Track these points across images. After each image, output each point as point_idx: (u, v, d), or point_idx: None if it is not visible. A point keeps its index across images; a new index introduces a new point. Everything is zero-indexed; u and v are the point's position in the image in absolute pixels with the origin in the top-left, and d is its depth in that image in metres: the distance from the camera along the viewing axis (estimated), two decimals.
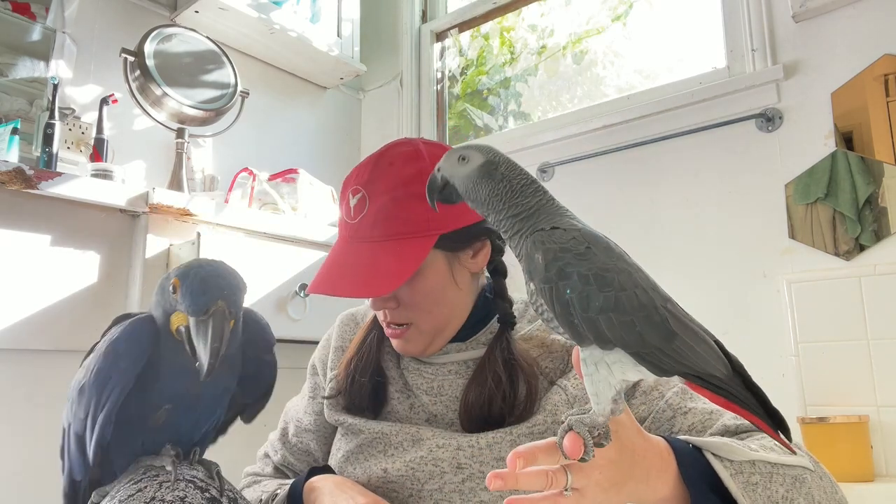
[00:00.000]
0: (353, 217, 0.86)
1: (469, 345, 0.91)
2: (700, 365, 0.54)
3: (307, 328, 1.77)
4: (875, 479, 1.46)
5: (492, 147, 0.64)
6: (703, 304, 1.84)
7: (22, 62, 1.90)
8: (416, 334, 0.89)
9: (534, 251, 0.56)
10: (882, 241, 1.61)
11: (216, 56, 2.03)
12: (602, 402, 0.56)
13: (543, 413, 0.83)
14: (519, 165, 0.63)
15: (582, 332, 0.54)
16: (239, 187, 2.07)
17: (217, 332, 0.70)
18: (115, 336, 0.75)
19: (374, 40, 2.82)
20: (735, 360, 0.56)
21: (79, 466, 0.78)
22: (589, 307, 0.53)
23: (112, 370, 0.73)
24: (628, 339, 0.53)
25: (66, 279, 1.54)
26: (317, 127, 2.68)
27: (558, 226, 0.58)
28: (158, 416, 0.77)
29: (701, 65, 2.02)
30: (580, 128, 2.14)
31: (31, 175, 1.45)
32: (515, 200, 0.60)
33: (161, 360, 0.76)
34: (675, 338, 0.53)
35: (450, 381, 0.89)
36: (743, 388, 0.55)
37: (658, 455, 0.64)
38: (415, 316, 0.87)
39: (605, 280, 0.53)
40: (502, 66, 2.63)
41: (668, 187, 1.96)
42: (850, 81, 1.70)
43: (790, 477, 0.69)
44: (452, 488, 0.80)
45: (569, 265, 0.54)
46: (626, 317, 0.53)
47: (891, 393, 1.53)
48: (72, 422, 0.77)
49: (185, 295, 0.71)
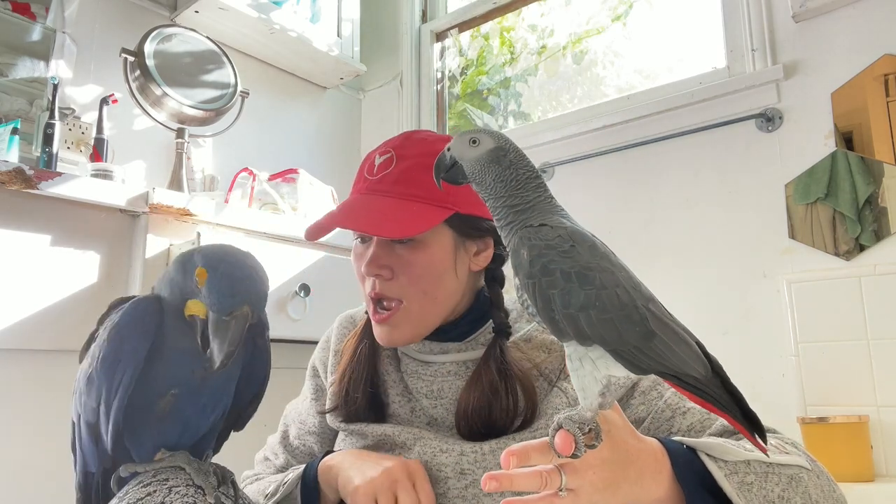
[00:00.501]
0: (375, 173, 0.87)
1: (468, 345, 0.90)
2: (678, 365, 0.54)
3: (307, 328, 1.77)
4: (875, 479, 1.46)
5: (503, 134, 0.65)
6: (703, 304, 1.84)
7: (22, 62, 1.90)
8: (403, 318, 0.86)
9: (520, 247, 0.58)
10: (882, 241, 1.61)
11: (216, 56, 2.03)
12: (589, 396, 0.57)
13: (545, 417, 0.82)
14: (526, 156, 0.64)
15: (562, 327, 0.55)
16: (239, 187, 2.07)
17: (236, 336, 0.70)
18: (118, 319, 0.74)
19: (374, 40, 2.82)
20: (715, 362, 0.57)
21: (92, 457, 0.77)
22: (570, 304, 0.54)
23: (120, 353, 0.72)
24: (607, 337, 0.54)
25: (66, 279, 1.53)
26: (317, 127, 2.68)
27: (547, 223, 0.59)
28: (165, 402, 0.75)
29: (701, 65, 2.02)
30: (580, 128, 2.14)
31: (31, 175, 1.45)
32: (517, 191, 0.62)
33: (165, 343, 0.74)
34: (653, 337, 0.54)
35: (449, 384, 0.88)
36: (721, 390, 0.56)
37: (652, 456, 0.64)
38: (407, 292, 0.85)
39: (587, 278, 0.55)
40: (502, 66, 2.63)
41: (668, 187, 1.96)
42: (850, 81, 1.70)
43: (786, 476, 0.69)
44: (456, 494, 0.80)
45: (552, 262, 0.55)
46: (605, 314, 0.54)
47: (891, 393, 1.53)
48: (81, 413, 0.76)
49: (213, 292, 0.70)
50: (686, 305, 1.87)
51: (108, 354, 0.72)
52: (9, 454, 1.46)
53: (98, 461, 0.77)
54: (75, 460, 0.81)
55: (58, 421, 1.43)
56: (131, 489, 0.71)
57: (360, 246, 0.90)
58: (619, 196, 2.05)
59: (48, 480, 1.48)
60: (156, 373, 0.74)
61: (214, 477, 0.75)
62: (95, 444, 0.76)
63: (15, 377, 1.49)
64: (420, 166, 0.85)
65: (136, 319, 0.73)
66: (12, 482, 1.46)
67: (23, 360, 1.49)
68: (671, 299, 2.09)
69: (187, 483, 0.72)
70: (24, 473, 1.47)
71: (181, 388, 0.75)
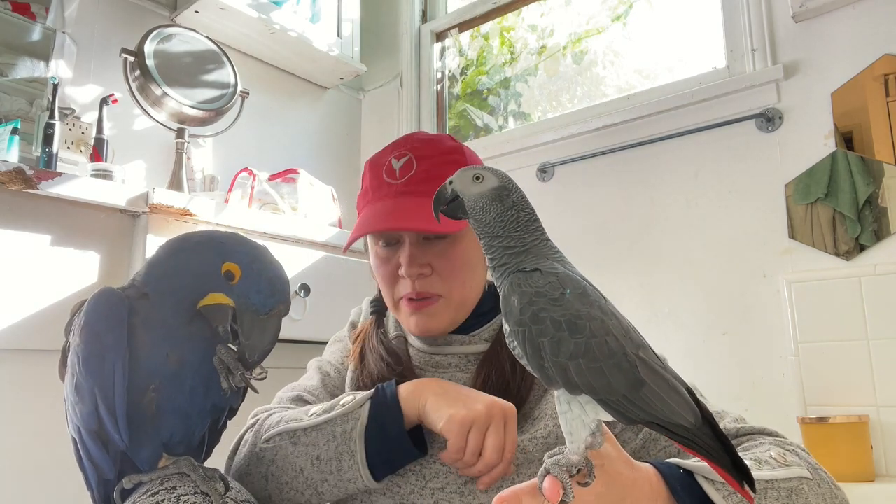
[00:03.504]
0: (398, 177, 0.88)
1: (472, 339, 0.92)
2: (667, 414, 0.54)
3: (307, 328, 1.78)
4: (875, 479, 1.46)
5: (506, 174, 0.65)
6: (703, 304, 1.84)
7: (22, 62, 1.90)
8: (444, 307, 0.88)
9: (511, 293, 0.58)
10: (882, 241, 1.61)
11: (216, 56, 2.03)
12: (576, 440, 0.56)
13: (545, 419, 0.83)
14: (527, 199, 0.64)
15: (551, 375, 0.55)
16: (239, 187, 2.07)
17: (272, 335, 0.72)
18: (85, 319, 0.71)
19: (374, 40, 2.82)
20: (705, 410, 0.56)
21: (106, 464, 0.74)
22: (559, 352, 0.54)
23: (101, 350, 0.69)
24: (596, 386, 0.54)
25: (66, 279, 1.53)
26: (317, 127, 2.68)
27: (540, 267, 0.58)
28: (148, 399, 0.72)
29: (701, 65, 2.02)
30: (580, 128, 2.14)
31: (31, 175, 1.45)
32: (515, 233, 0.61)
33: (133, 335, 0.71)
34: (642, 385, 0.54)
35: (450, 375, 0.90)
36: (711, 438, 0.55)
37: (647, 484, 0.64)
38: (447, 286, 0.88)
39: (577, 326, 0.54)
40: (502, 66, 2.63)
41: (668, 187, 1.96)
42: (850, 81, 1.70)
43: (786, 490, 0.69)
44: (454, 489, 0.81)
45: (543, 310, 0.55)
46: (595, 363, 0.54)
47: (891, 393, 1.53)
48: (80, 424, 0.73)
49: (252, 291, 0.71)
50: (686, 305, 1.88)
51: (90, 354, 0.70)
52: (8, 454, 1.46)
53: (113, 465, 0.74)
54: (86, 476, 0.78)
55: (57, 421, 1.43)
56: (139, 498, 0.70)
57: (386, 250, 0.91)
58: (619, 196, 2.05)
59: (48, 480, 1.48)
60: (131, 371, 0.71)
61: (221, 483, 0.74)
62: (105, 449, 0.73)
63: (15, 377, 1.49)
64: (440, 165, 0.88)
65: (105, 312, 0.71)
66: (12, 482, 1.46)
67: (23, 360, 1.49)
68: (671, 299, 2.09)
69: (195, 491, 0.71)
70: (23, 473, 1.47)
71: (161, 380, 0.72)
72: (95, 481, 0.76)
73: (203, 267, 0.72)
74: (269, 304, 0.71)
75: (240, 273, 0.71)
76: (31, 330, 1.46)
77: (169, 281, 0.73)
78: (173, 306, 0.72)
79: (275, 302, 0.72)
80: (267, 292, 0.71)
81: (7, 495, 1.45)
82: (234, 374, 0.72)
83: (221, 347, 0.73)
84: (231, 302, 0.71)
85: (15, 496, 1.46)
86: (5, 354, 1.47)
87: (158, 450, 0.75)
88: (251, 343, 0.71)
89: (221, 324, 0.72)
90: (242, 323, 0.71)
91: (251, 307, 0.71)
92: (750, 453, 0.74)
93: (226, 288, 0.71)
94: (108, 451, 0.73)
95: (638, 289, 1.97)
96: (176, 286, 0.73)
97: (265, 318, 0.71)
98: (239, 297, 0.71)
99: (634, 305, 1.95)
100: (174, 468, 0.74)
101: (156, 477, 0.74)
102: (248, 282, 0.71)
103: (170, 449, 0.76)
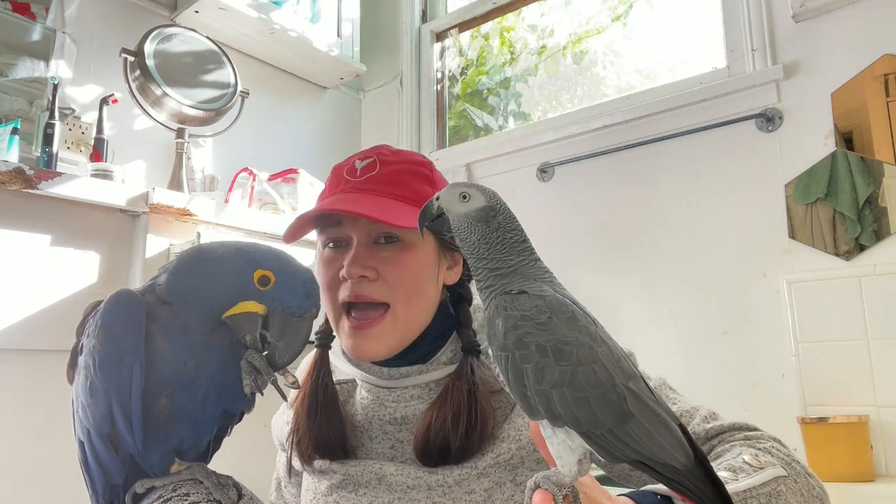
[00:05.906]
0: (358, 175, 0.84)
1: (430, 366, 0.86)
2: (655, 452, 0.51)
3: None
4: (875, 479, 1.46)
5: (495, 193, 0.63)
6: (703, 304, 1.84)
7: (22, 62, 1.90)
8: (389, 325, 0.81)
9: (496, 316, 0.55)
10: (882, 241, 1.61)
11: (216, 56, 2.03)
12: (567, 464, 0.54)
13: (507, 441, 0.80)
14: (516, 219, 0.62)
15: (533, 404, 0.52)
16: (239, 187, 2.07)
17: (304, 337, 0.73)
18: (102, 321, 0.71)
19: (374, 40, 2.82)
20: (700, 452, 0.53)
21: (116, 467, 0.73)
22: (543, 380, 0.51)
23: (119, 352, 0.69)
24: (580, 417, 0.50)
25: (66, 279, 1.53)
26: (317, 127, 2.68)
27: (527, 290, 0.56)
28: (161, 406, 0.72)
29: (701, 65, 2.02)
30: (580, 128, 2.14)
31: (31, 175, 1.45)
32: (500, 254, 0.59)
33: (151, 340, 0.71)
34: (630, 419, 0.50)
35: (412, 409, 0.84)
36: (703, 482, 0.52)
37: None
38: (392, 294, 0.81)
39: (563, 353, 0.51)
40: (502, 66, 2.63)
41: (668, 187, 1.96)
42: (850, 81, 1.70)
43: (765, 496, 0.69)
44: None
45: (528, 334, 0.53)
46: (580, 393, 0.50)
47: (891, 393, 1.53)
48: (91, 427, 0.72)
49: (286, 295, 0.71)
50: (686, 305, 1.88)
51: (107, 356, 0.69)
52: (9, 454, 1.46)
53: (123, 469, 0.74)
54: (91, 479, 0.76)
55: (58, 421, 1.44)
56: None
57: (332, 252, 0.85)
58: (619, 196, 2.05)
59: (48, 480, 1.48)
60: (146, 376, 0.71)
61: (234, 490, 0.74)
62: (116, 451, 0.72)
63: (15, 377, 1.49)
64: (406, 171, 0.85)
65: (124, 314, 0.71)
66: (12, 482, 1.46)
67: (23, 360, 1.49)
68: (671, 299, 2.09)
69: (208, 498, 0.70)
70: (23, 473, 1.47)
71: (174, 386, 0.72)
72: (101, 485, 0.75)
73: (234, 276, 0.72)
74: (304, 306, 0.72)
75: (274, 278, 0.72)
76: (31, 330, 1.46)
77: (197, 291, 0.73)
78: (199, 316, 0.73)
79: (310, 305, 0.73)
80: (302, 295, 0.72)
81: (7, 495, 1.45)
82: (261, 376, 0.72)
83: (252, 352, 0.73)
84: (262, 309, 0.72)
85: (15, 495, 1.46)
86: (5, 354, 1.47)
87: (170, 455, 0.75)
88: (283, 346, 0.72)
89: (250, 332, 0.72)
90: (274, 327, 0.72)
91: (286, 310, 0.72)
92: (723, 461, 0.73)
93: (258, 294, 0.72)
94: (118, 455, 0.73)
95: (638, 289, 1.97)
96: (205, 296, 0.73)
97: (298, 321, 0.72)
98: (273, 302, 0.72)
99: (634, 305, 1.96)
100: (187, 474, 0.74)
101: (169, 482, 0.73)
102: (282, 286, 0.72)
103: (181, 454, 0.76)
